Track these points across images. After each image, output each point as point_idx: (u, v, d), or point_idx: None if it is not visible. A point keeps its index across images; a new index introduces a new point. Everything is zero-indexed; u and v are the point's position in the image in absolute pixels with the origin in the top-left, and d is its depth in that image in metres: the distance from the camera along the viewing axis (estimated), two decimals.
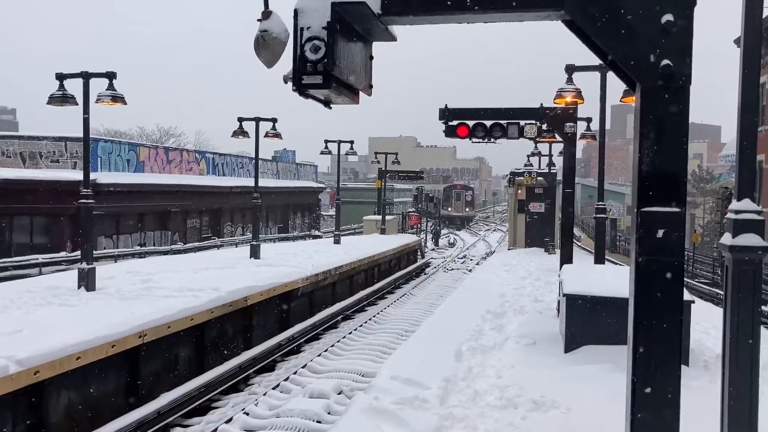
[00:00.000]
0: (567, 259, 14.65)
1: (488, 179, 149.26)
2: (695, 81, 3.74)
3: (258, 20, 4.03)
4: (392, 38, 4.40)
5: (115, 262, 21.65)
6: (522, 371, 8.91)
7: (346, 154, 28.76)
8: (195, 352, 11.45)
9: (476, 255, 38.05)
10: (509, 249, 32.90)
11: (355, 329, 15.26)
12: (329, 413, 9.14)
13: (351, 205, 53.29)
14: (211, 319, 11.61)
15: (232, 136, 18.81)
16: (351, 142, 27.65)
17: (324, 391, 9.96)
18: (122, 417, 8.97)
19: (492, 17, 4.04)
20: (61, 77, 12.15)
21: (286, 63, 3.94)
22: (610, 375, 7.90)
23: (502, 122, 15.82)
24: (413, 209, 47.76)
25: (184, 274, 14.09)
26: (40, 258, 22.70)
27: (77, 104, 12.23)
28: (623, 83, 4.35)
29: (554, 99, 13.71)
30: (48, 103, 12.27)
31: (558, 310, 12.09)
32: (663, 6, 3.66)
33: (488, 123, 15.78)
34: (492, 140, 15.91)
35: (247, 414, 9.41)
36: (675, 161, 3.78)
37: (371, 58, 4.50)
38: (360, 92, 4.40)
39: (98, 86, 12.29)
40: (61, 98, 12.13)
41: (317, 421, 8.91)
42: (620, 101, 12.90)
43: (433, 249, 41.93)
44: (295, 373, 11.49)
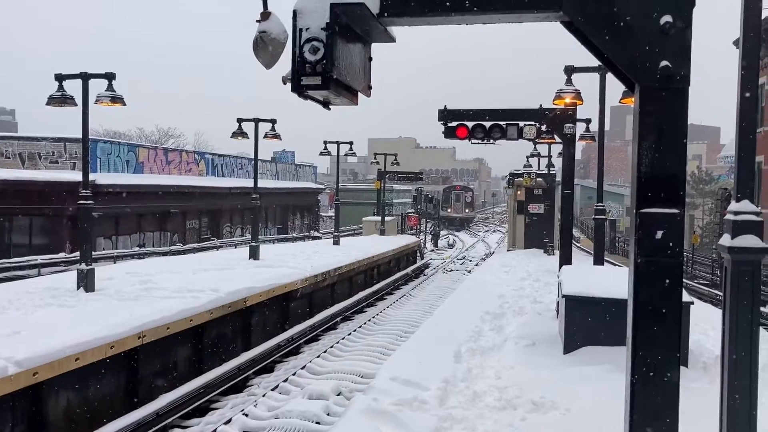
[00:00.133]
0: (566, 260, 14.66)
1: (487, 180, 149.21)
2: (694, 82, 3.74)
3: (257, 21, 4.03)
4: (391, 39, 4.40)
5: (114, 263, 21.64)
6: (521, 372, 8.91)
7: (346, 155, 28.75)
8: (194, 353, 11.44)
9: (475, 256, 38.05)
10: (508, 250, 32.90)
11: (355, 330, 15.25)
12: (328, 414, 9.13)
13: (350, 206, 53.25)
14: (210, 320, 11.60)
15: (232, 137, 18.81)
16: (350, 143, 27.64)
17: (323, 393, 9.96)
18: (121, 418, 8.96)
19: (490, 18, 4.04)
20: (60, 78, 12.14)
21: (285, 64, 3.94)
22: (610, 376, 7.91)
23: (501, 123, 15.82)
24: (412, 210, 47.75)
25: (184, 275, 14.08)
26: (39, 259, 22.66)
27: (76, 105, 12.22)
28: (622, 84, 4.35)
29: (553, 100, 13.72)
30: (47, 104, 12.26)
31: (557, 311, 12.09)
32: (662, 7, 3.66)
33: (487, 124, 15.79)
34: (491, 141, 15.92)
35: (246, 415, 9.40)
36: (674, 162, 3.78)
37: (370, 59, 4.50)
38: (359, 93, 4.41)
39: (98, 87, 12.30)
40: (61, 99, 12.12)
41: (316, 422, 8.90)
42: (619, 102, 12.90)
43: (433, 250, 41.93)
44: (294, 374, 11.48)
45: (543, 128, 16.01)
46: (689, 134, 3.90)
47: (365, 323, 16.16)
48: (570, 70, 13.56)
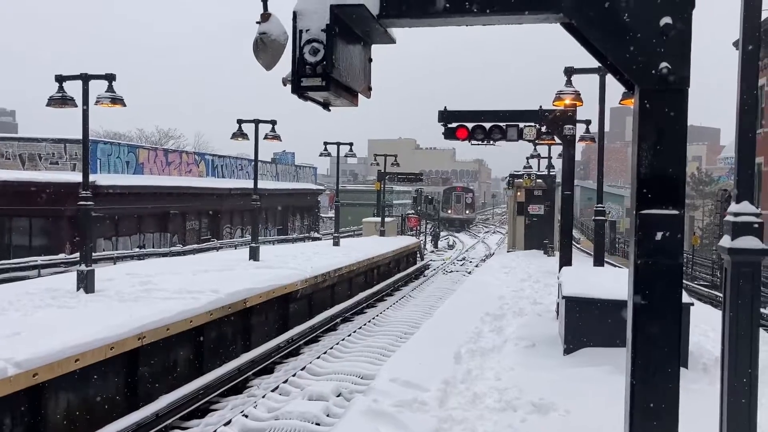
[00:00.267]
0: (566, 262, 14.66)
1: (487, 181, 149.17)
2: (694, 83, 3.74)
3: (257, 22, 4.03)
4: (391, 41, 4.40)
5: (114, 264, 21.62)
6: (521, 373, 8.90)
7: (346, 156, 28.77)
8: (194, 354, 11.43)
9: (475, 257, 38.05)
10: (508, 251, 32.90)
11: (354, 331, 15.25)
12: (328, 415, 9.13)
13: (350, 207, 53.28)
14: (210, 321, 11.59)
15: (232, 138, 18.82)
16: (350, 144, 27.66)
17: (323, 394, 9.95)
18: (121, 419, 8.96)
19: (490, 20, 4.04)
20: (61, 79, 12.14)
21: (285, 65, 3.94)
22: (610, 377, 7.91)
23: (501, 124, 15.82)
24: (412, 211, 47.76)
25: (183, 276, 14.08)
26: (39, 260, 22.67)
27: (76, 106, 12.22)
28: (622, 86, 4.35)
29: (553, 101, 13.73)
30: (47, 105, 12.26)
31: (557, 313, 12.09)
32: (661, 8, 3.66)
33: (487, 125, 15.78)
34: (491, 142, 15.91)
35: (246, 416, 9.40)
36: (674, 164, 3.78)
37: (370, 61, 4.50)
38: (359, 94, 4.41)
39: (98, 88, 12.30)
40: (61, 100, 12.12)
41: (316, 424, 8.90)
42: (619, 103, 12.90)
43: (433, 251, 41.93)
44: (294, 376, 11.48)
45: (543, 129, 16.02)
46: (689, 135, 3.90)
47: (365, 324, 16.16)
48: (570, 72, 13.57)
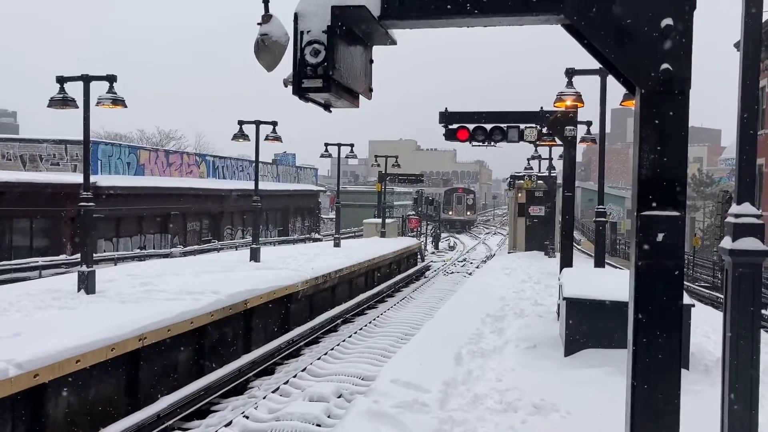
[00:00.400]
0: (567, 263, 14.67)
1: (488, 182, 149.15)
2: (695, 84, 3.74)
3: (258, 24, 4.04)
4: (392, 42, 4.40)
5: (115, 265, 21.61)
6: (522, 375, 8.90)
7: (346, 158, 28.76)
8: (195, 355, 11.43)
9: (476, 258, 38.03)
10: (509, 252, 32.88)
11: (355, 332, 15.25)
12: (329, 417, 9.12)
13: (351, 209, 53.23)
14: (211, 323, 11.59)
15: (233, 140, 18.83)
16: (351, 146, 27.65)
17: (324, 395, 9.95)
18: (122, 420, 8.96)
19: (491, 21, 4.04)
20: (62, 80, 12.15)
21: (287, 66, 3.94)
22: (610, 378, 7.90)
23: (503, 126, 15.83)
24: (413, 212, 47.75)
25: (184, 277, 14.08)
26: (40, 261, 22.69)
27: (78, 107, 12.23)
28: (623, 87, 4.35)
29: (554, 102, 13.74)
30: (48, 106, 12.27)
31: (558, 314, 12.08)
32: (662, 10, 3.67)
33: (488, 126, 15.79)
34: (492, 144, 15.92)
35: (247, 417, 9.40)
36: (675, 165, 3.78)
37: (371, 62, 4.51)
38: (360, 96, 4.41)
39: (99, 89, 12.31)
40: (62, 101, 12.13)
41: (317, 425, 8.89)
42: (620, 105, 12.92)
43: (433, 252, 41.91)
44: (295, 377, 11.48)
45: (544, 131, 16.03)
46: (690, 136, 3.90)
47: (366, 325, 16.15)
48: (571, 73, 13.58)
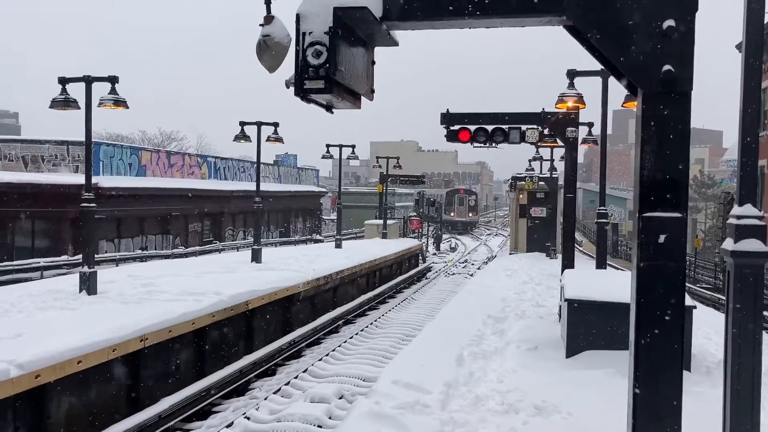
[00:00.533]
0: (568, 264, 14.65)
1: (490, 184, 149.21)
2: (696, 85, 3.74)
3: (260, 25, 4.05)
4: (394, 43, 4.40)
5: (117, 266, 21.63)
6: (523, 376, 8.89)
7: (348, 159, 28.77)
8: (196, 356, 11.44)
9: (477, 260, 38.02)
10: (510, 254, 32.87)
11: (357, 333, 15.24)
12: (330, 418, 9.12)
13: (352, 210, 53.29)
14: (213, 323, 11.60)
15: (234, 141, 18.84)
16: (352, 147, 27.64)
17: (325, 396, 9.94)
18: (123, 421, 8.96)
19: (493, 22, 4.04)
20: (64, 81, 12.16)
21: (289, 67, 3.94)
22: (612, 380, 7.90)
23: (504, 127, 15.80)
24: (414, 213, 47.76)
25: (186, 278, 14.09)
26: (42, 261, 22.70)
27: (79, 108, 12.23)
28: (625, 88, 4.35)
29: (556, 104, 13.74)
30: (50, 107, 12.28)
31: (559, 315, 12.08)
32: (664, 12, 3.67)
33: (490, 127, 15.76)
34: (493, 145, 15.90)
35: (248, 418, 9.40)
36: (676, 166, 3.78)
37: (373, 63, 4.51)
38: (362, 97, 4.41)
39: (100, 90, 12.31)
40: (64, 102, 12.14)
41: (318, 426, 8.89)
42: (622, 106, 12.91)
43: (435, 253, 41.91)
44: (296, 378, 11.48)
45: (545, 132, 16.00)
46: (691, 138, 3.90)
47: (367, 326, 16.15)
48: (572, 74, 13.58)
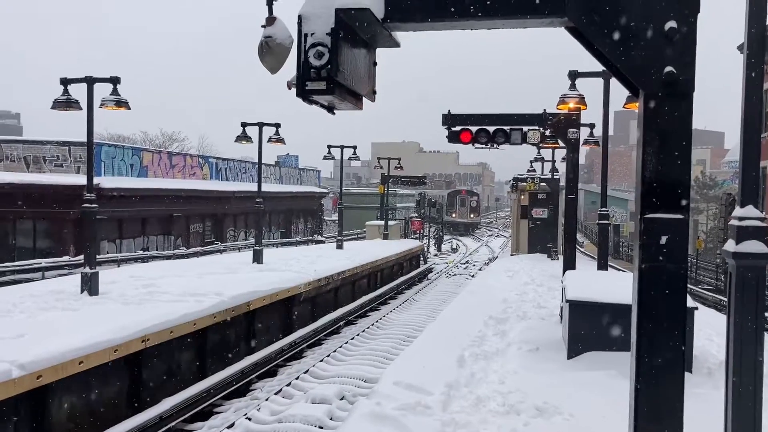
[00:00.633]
0: (570, 265, 14.62)
1: (491, 185, 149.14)
2: (698, 86, 3.74)
3: (262, 26, 4.05)
4: (396, 44, 4.41)
5: (118, 267, 21.65)
6: (525, 377, 8.89)
7: (349, 159, 28.79)
8: (197, 357, 11.44)
9: (479, 261, 38.01)
10: (512, 255, 32.84)
11: (358, 334, 15.25)
12: (331, 419, 9.13)
13: (354, 210, 53.26)
14: (214, 324, 11.61)
15: (236, 141, 18.84)
16: (354, 148, 27.64)
17: (326, 397, 9.95)
18: (124, 421, 8.97)
19: (494, 24, 4.04)
20: (65, 82, 12.18)
21: (290, 69, 3.95)
22: (613, 381, 7.89)
23: (505, 128, 15.78)
24: (416, 214, 47.75)
25: (187, 279, 14.10)
26: (43, 262, 22.71)
27: (81, 109, 12.24)
28: (626, 90, 4.35)
29: (557, 105, 13.72)
30: (52, 108, 12.29)
31: (561, 317, 12.07)
32: (666, 13, 3.67)
33: (491, 129, 15.75)
34: (495, 146, 15.89)
35: (250, 419, 9.41)
36: (678, 168, 3.78)
37: (375, 64, 4.51)
38: (363, 98, 4.42)
39: (102, 91, 12.33)
40: (65, 103, 12.16)
41: (319, 427, 8.90)
42: (623, 107, 12.90)
43: (436, 254, 41.92)
44: (298, 379, 11.49)
45: (547, 133, 15.98)
46: (693, 139, 3.90)
47: (368, 327, 16.16)
48: (574, 75, 13.57)
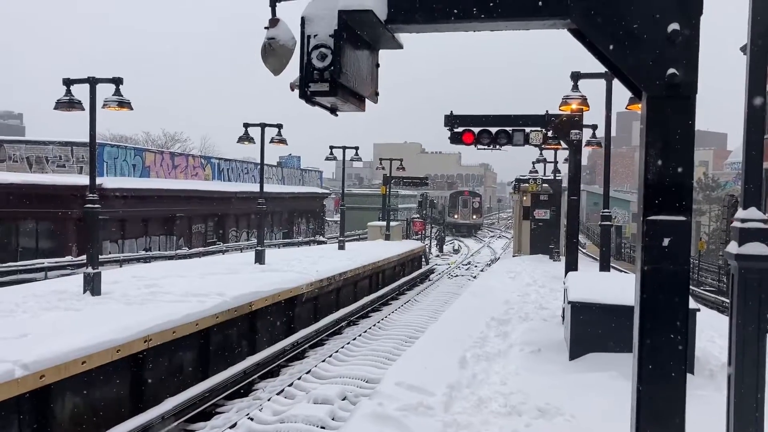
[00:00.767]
0: (572, 267, 14.63)
1: (493, 186, 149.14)
2: (700, 87, 3.75)
3: (265, 28, 4.06)
4: (399, 46, 4.42)
5: (121, 267, 21.67)
6: (526, 378, 8.89)
7: (351, 160, 28.78)
8: (200, 357, 11.46)
9: (481, 262, 38.00)
10: (514, 256, 32.84)
11: (360, 335, 15.26)
12: (333, 419, 9.14)
13: (355, 211, 53.26)
14: (216, 325, 11.62)
15: (238, 142, 18.85)
16: (356, 148, 27.63)
17: (328, 397, 9.96)
18: (127, 421, 8.99)
19: (497, 25, 4.05)
20: (68, 82, 12.20)
21: (293, 70, 3.96)
22: (615, 383, 7.89)
23: (508, 129, 15.80)
24: (418, 215, 47.74)
25: (190, 279, 14.12)
26: (46, 262, 22.74)
27: (84, 109, 12.27)
28: (629, 91, 4.35)
29: (560, 106, 13.71)
30: (55, 108, 12.31)
31: (563, 318, 12.07)
32: (669, 15, 3.67)
33: (493, 130, 15.77)
34: (497, 147, 15.90)
35: (252, 419, 9.42)
36: (681, 170, 3.78)
37: (377, 66, 4.52)
38: (366, 99, 4.42)
39: (105, 91, 12.35)
40: (68, 103, 12.18)
41: (321, 427, 8.91)
42: (626, 108, 12.90)
43: (438, 255, 41.91)
44: (300, 379, 11.50)
45: (549, 134, 16.00)
46: (696, 140, 3.90)
47: (370, 328, 16.16)
48: (576, 76, 13.56)
